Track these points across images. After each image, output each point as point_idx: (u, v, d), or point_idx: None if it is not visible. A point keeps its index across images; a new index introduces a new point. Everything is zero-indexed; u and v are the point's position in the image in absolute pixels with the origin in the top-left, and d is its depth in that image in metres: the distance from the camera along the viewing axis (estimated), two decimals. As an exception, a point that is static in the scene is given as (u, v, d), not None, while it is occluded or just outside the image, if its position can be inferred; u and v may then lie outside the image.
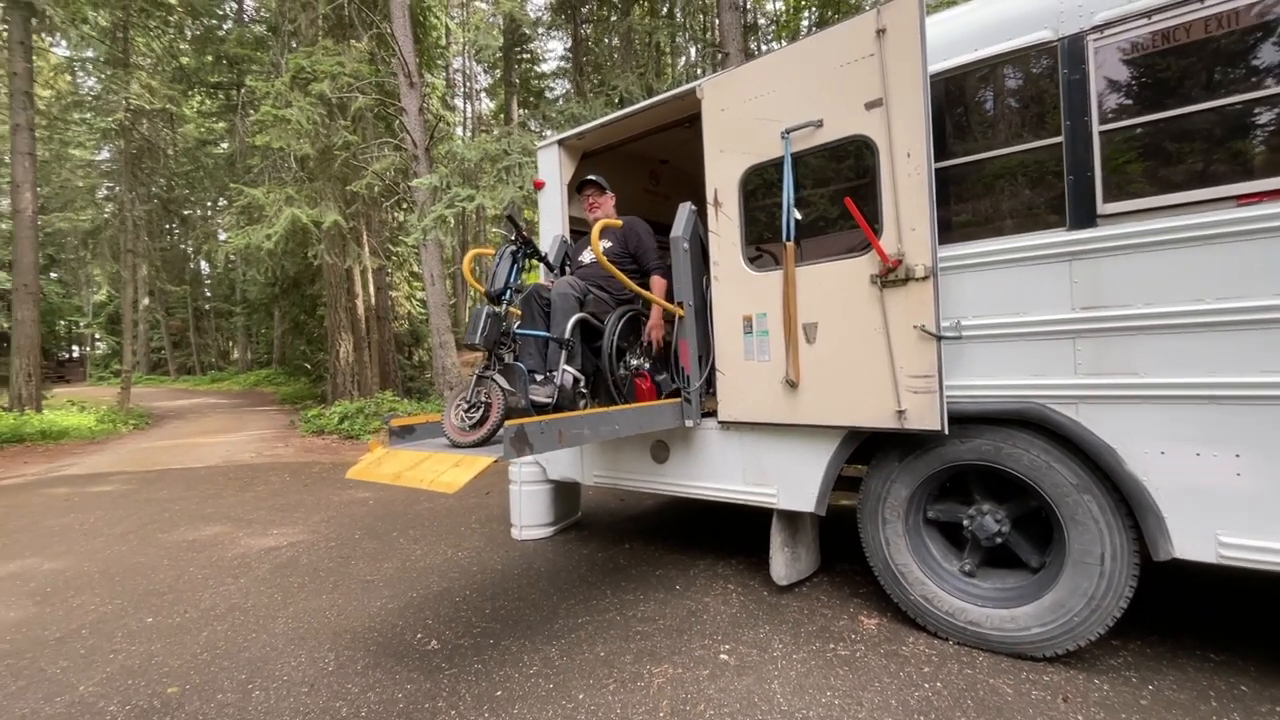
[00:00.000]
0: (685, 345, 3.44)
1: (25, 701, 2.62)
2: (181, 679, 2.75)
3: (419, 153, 10.43)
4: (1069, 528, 2.50)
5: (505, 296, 2.98)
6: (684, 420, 3.44)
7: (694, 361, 3.42)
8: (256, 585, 3.88)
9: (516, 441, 2.43)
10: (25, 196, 13.05)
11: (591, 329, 3.35)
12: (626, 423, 3.06)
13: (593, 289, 3.44)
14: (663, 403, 3.37)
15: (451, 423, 2.79)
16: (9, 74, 12.94)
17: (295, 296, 18.88)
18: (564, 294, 3.23)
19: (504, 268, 3.03)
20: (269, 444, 10.66)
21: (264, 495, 6.60)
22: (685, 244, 3.39)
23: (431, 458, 2.57)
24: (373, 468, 2.67)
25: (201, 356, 33.46)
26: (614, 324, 3.33)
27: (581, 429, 2.79)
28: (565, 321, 3.15)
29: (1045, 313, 2.48)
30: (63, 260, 29.73)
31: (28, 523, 5.77)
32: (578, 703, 2.44)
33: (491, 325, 2.85)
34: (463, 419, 2.77)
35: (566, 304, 3.21)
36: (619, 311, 3.43)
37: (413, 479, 2.43)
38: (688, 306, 3.41)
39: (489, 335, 2.84)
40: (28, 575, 4.26)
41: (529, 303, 3.29)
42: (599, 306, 3.43)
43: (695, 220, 3.50)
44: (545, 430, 2.57)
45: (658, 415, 3.31)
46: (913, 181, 2.61)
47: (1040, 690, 2.39)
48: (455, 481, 2.27)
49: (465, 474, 2.30)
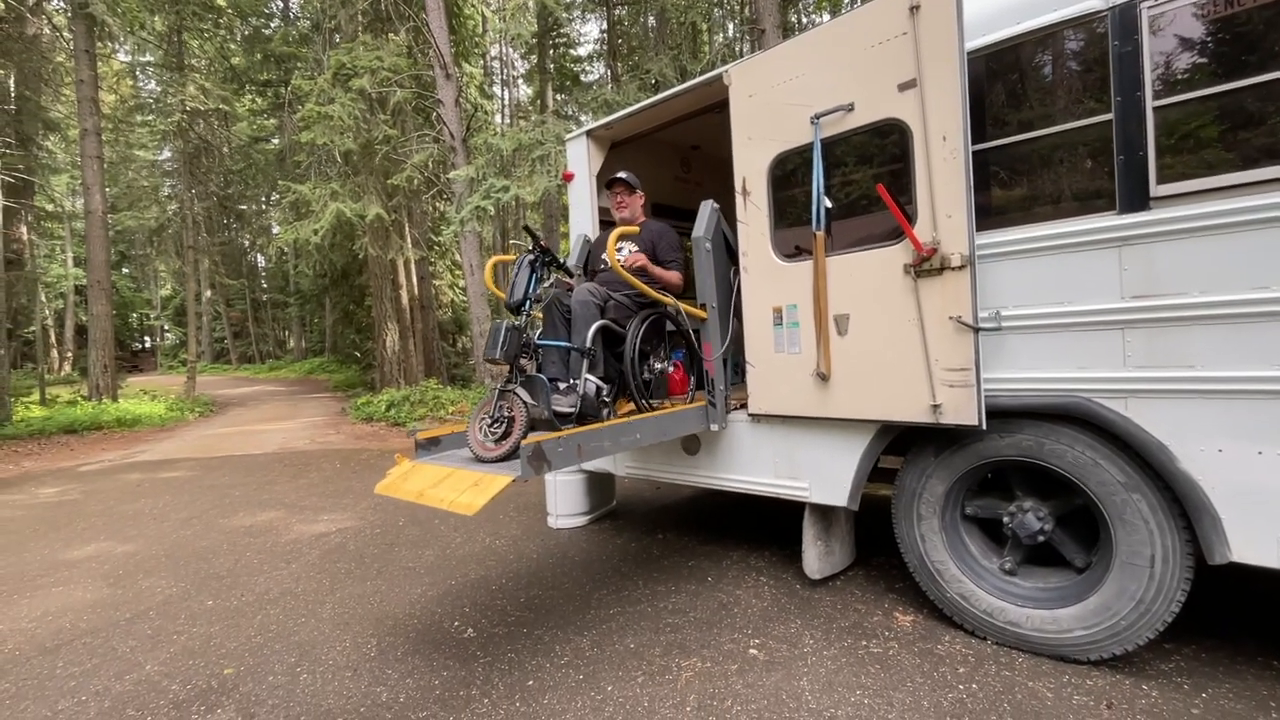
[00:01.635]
0: (709, 348, 3.38)
1: (98, 679, 2.83)
2: (237, 660, 2.93)
3: (456, 144, 10.56)
4: (1116, 527, 2.38)
5: (525, 307, 2.96)
6: (709, 424, 3.39)
7: (718, 364, 3.36)
8: (307, 570, 4.07)
9: (534, 460, 2.43)
10: (96, 198, 13.83)
11: (614, 335, 3.31)
12: (649, 432, 3.03)
13: (613, 295, 3.37)
14: (686, 408, 3.32)
15: (475, 437, 2.80)
16: (76, 81, 13.67)
17: (344, 287, 19.51)
18: (584, 302, 3.18)
19: (523, 278, 3.00)
20: (321, 431, 11.12)
21: (316, 482, 6.90)
22: (707, 244, 3.31)
23: (454, 475, 2.59)
24: (398, 483, 2.71)
25: (260, 346, 35.05)
26: (636, 328, 3.27)
27: (602, 442, 2.77)
28: (586, 330, 3.11)
29: (1092, 302, 2.35)
30: (132, 256, 31.53)
31: (104, 507, 6.20)
32: (606, 694, 2.48)
33: (511, 339, 2.82)
34: (486, 433, 2.77)
35: (587, 312, 3.16)
36: (641, 315, 3.36)
37: (434, 498, 2.46)
38: (711, 308, 3.35)
39: (509, 349, 2.81)
40: (103, 558, 4.58)
41: (550, 311, 3.27)
42: (620, 312, 3.37)
43: (718, 219, 3.42)
44: (564, 446, 2.57)
45: (681, 422, 3.26)
46: (948, 166, 2.49)
47: (1082, 695, 2.30)
48: (473, 504, 2.28)
49: (483, 496, 2.31)
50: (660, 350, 3.56)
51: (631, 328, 3.26)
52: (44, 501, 6.63)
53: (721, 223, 3.46)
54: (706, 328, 3.39)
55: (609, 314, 3.28)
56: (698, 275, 3.39)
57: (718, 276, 3.39)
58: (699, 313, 3.40)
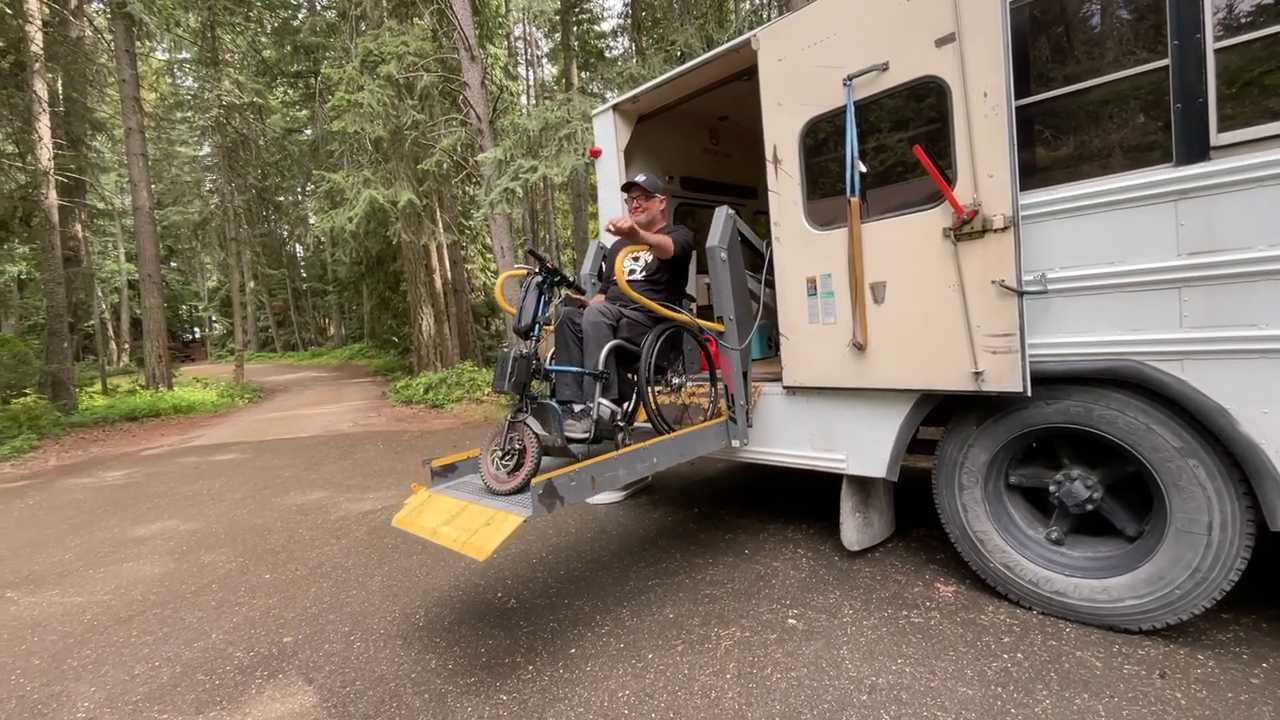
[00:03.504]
0: (728, 362, 3.27)
1: (170, 646, 3.02)
2: (295, 629, 3.07)
3: (483, 126, 10.58)
4: (1171, 495, 2.30)
5: (534, 331, 2.87)
6: (730, 441, 3.31)
7: (738, 379, 3.25)
8: (356, 546, 4.23)
9: (546, 497, 2.37)
10: (142, 194, 14.35)
11: (628, 353, 3.12)
12: (666, 455, 2.95)
13: (625, 312, 3.15)
14: (705, 426, 3.22)
15: (488, 469, 2.76)
16: (119, 81, 14.12)
17: (380, 274, 19.90)
18: (595, 323, 2.98)
19: (530, 302, 2.89)
20: (363, 414, 11.46)
21: (360, 462, 7.13)
22: (723, 253, 3.16)
23: (467, 510, 2.56)
24: (414, 517, 2.72)
25: (302, 333, 36.14)
26: (651, 344, 3.06)
27: (616, 471, 2.69)
28: (598, 352, 2.92)
29: (1145, 260, 2.24)
30: (179, 250, 32.71)
31: (166, 488, 6.54)
32: (647, 662, 2.53)
33: (520, 368, 2.70)
34: (499, 465, 2.73)
35: (598, 333, 2.96)
36: (656, 330, 3.13)
37: (447, 538, 2.45)
38: (729, 320, 3.23)
39: (517, 379, 2.70)
40: (168, 535, 4.84)
41: (562, 331, 3.12)
42: (634, 330, 3.14)
43: (734, 225, 3.27)
44: (576, 480, 2.49)
45: (700, 441, 3.17)
46: (990, 123, 2.40)
47: (1134, 665, 2.25)
48: (484, 547, 2.27)
49: (494, 538, 2.29)
50: (678, 364, 3.41)
51: (646, 344, 3.07)
52: (111, 484, 7.03)
53: (738, 225, 3.32)
54: (725, 341, 3.27)
55: (622, 332, 3.09)
56: (714, 286, 3.24)
57: (735, 287, 3.24)
58: (716, 325, 3.28)
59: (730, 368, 3.27)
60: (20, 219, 14.50)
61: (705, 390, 3.48)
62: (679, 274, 3.39)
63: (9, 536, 5.16)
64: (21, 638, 3.24)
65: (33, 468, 8.57)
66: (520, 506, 2.44)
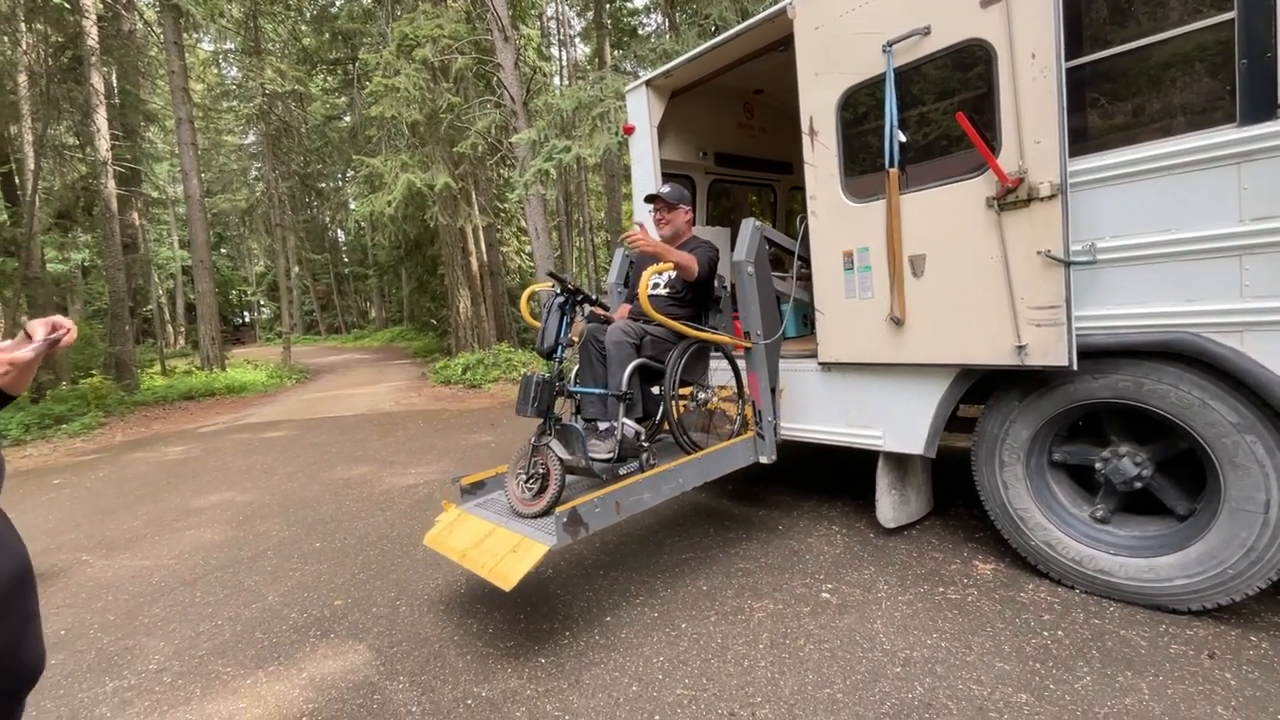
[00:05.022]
0: (755, 378, 3.22)
1: (230, 607, 3.21)
2: (345, 594, 3.23)
3: (517, 108, 10.62)
4: (1226, 472, 2.21)
5: (557, 352, 2.85)
6: (758, 457, 3.28)
7: (765, 394, 3.19)
8: (399, 518, 4.39)
9: (570, 525, 2.39)
10: (193, 182, 14.90)
11: (653, 371, 3.08)
12: (691, 475, 2.93)
13: (649, 329, 3.07)
14: (731, 444, 3.18)
15: (514, 492, 2.79)
16: (169, 72, 14.60)
17: (418, 257, 20.30)
18: (618, 342, 2.93)
19: (553, 323, 2.88)
20: (404, 394, 11.78)
21: (402, 440, 7.36)
22: (750, 267, 3.08)
23: (494, 533, 2.61)
24: (444, 537, 2.79)
25: (345, 317, 37.19)
26: (675, 362, 3.01)
27: (641, 495, 2.69)
28: (621, 372, 2.88)
29: (1204, 227, 2.14)
30: (228, 237, 33.90)
31: (222, 463, 6.87)
32: (680, 631, 2.58)
33: (543, 393, 2.71)
34: (524, 489, 2.75)
35: (621, 353, 2.92)
36: (681, 347, 3.07)
37: (475, 563, 2.50)
38: (756, 336, 3.17)
39: (540, 403, 2.71)
40: (226, 506, 5.11)
41: (586, 350, 3.11)
42: (658, 347, 3.07)
43: (761, 238, 3.18)
44: (601, 506, 2.51)
45: (726, 459, 3.14)
46: (1038, 86, 2.30)
47: (1181, 644, 2.20)
48: (510, 576, 2.30)
49: (520, 568, 2.32)
50: (705, 378, 3.35)
51: (670, 362, 3.01)
52: (172, 458, 7.42)
53: (766, 234, 3.23)
54: (752, 357, 3.22)
55: (646, 351, 3.02)
56: (740, 301, 3.18)
57: (763, 302, 3.18)
58: (743, 342, 3.23)
59: (758, 384, 3.21)
60: (82, 208, 15.25)
61: (730, 392, 3.44)
62: (704, 289, 3.30)
63: (83, 505, 5.52)
64: (97, 596, 3.48)
65: (101, 442, 9.10)
66: (545, 533, 2.48)
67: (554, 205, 19.90)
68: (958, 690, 2.07)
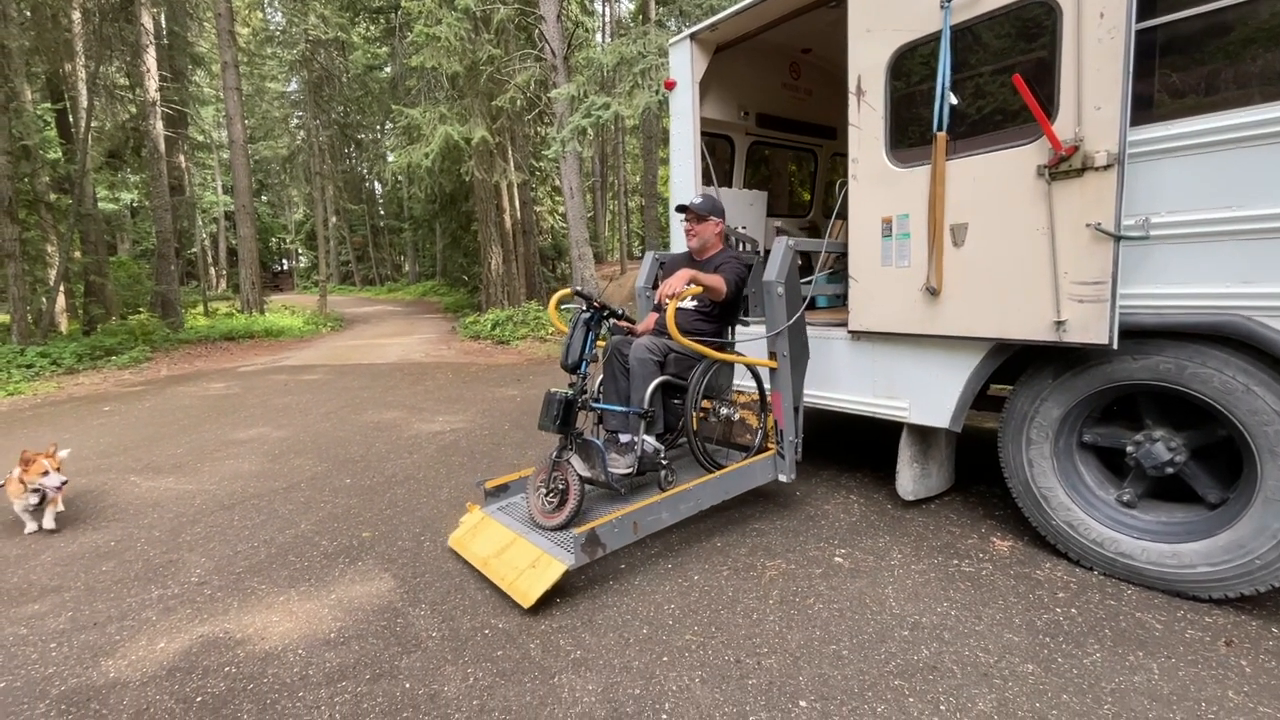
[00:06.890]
0: (779, 397, 3.17)
1: (266, 531, 3.37)
2: (372, 527, 3.37)
3: (557, 63, 10.45)
4: (1265, 461, 2.15)
5: (582, 368, 2.88)
6: (777, 475, 3.24)
7: (788, 414, 3.14)
8: (426, 461, 4.53)
9: (589, 546, 2.45)
10: (237, 127, 15.10)
11: (676, 387, 3.08)
12: (709, 495, 2.93)
13: (674, 346, 3.04)
14: (750, 462, 3.15)
15: (534, 505, 2.86)
16: (215, 15, 14.69)
17: (452, 212, 20.38)
18: (642, 359, 2.95)
19: (578, 338, 2.90)
20: (434, 346, 12.00)
21: (431, 389, 7.53)
22: (780, 288, 2.99)
23: (516, 544, 2.69)
24: (467, 541, 2.90)
25: (379, 269, 37.73)
26: (698, 381, 3.01)
27: (659, 514, 2.72)
28: (644, 389, 2.90)
29: (1269, 205, 2.03)
30: (269, 184, 34.44)
31: (260, 400, 7.14)
32: (693, 582, 2.64)
33: (564, 410, 2.76)
34: (544, 502, 2.83)
35: (645, 370, 2.94)
36: (704, 365, 3.06)
37: (495, 573, 2.60)
38: (782, 357, 3.10)
39: (561, 420, 2.76)
40: (262, 440, 5.33)
41: (610, 363, 3.13)
42: (681, 365, 3.07)
43: (795, 260, 3.09)
44: (619, 526, 2.55)
45: (745, 478, 3.12)
46: (1104, 48, 2.19)
47: (1198, 630, 2.18)
48: (528, 594, 2.40)
49: (539, 585, 2.40)
50: (728, 394, 3.37)
51: (693, 381, 3.02)
52: (214, 394, 7.73)
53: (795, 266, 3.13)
54: (776, 377, 3.16)
55: (669, 368, 3.03)
56: (769, 322, 3.10)
57: (791, 324, 3.09)
58: (769, 363, 3.16)
59: (781, 403, 3.17)
60: (132, 149, 15.62)
61: (751, 398, 3.43)
62: (731, 304, 3.24)
63: (132, 432, 5.81)
64: (144, 513, 3.70)
65: (147, 376, 9.51)
66: (564, 551, 2.55)
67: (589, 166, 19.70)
68: (964, 656, 2.09)
